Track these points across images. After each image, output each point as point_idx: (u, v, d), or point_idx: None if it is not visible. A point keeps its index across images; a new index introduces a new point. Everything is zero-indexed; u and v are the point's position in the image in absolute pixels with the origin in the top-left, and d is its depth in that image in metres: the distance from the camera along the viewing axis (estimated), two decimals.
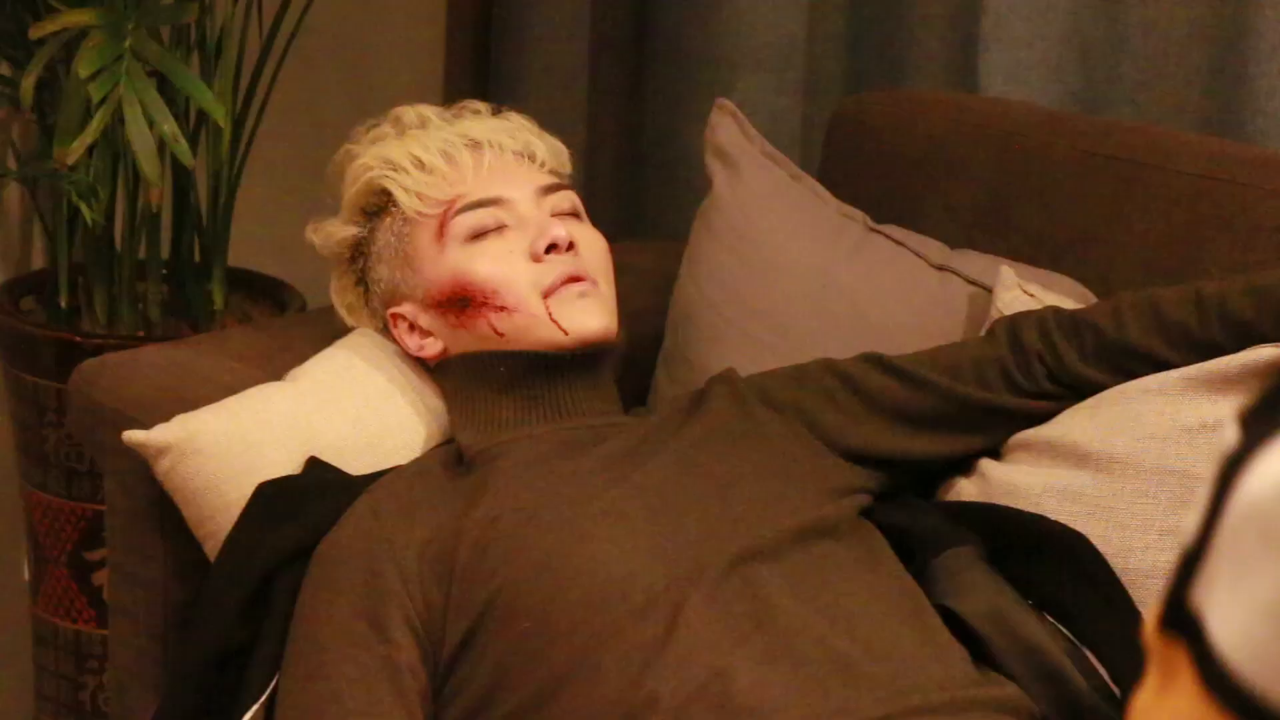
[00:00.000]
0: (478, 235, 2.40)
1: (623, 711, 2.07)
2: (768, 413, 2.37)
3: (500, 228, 2.40)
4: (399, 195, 2.43)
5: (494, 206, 2.41)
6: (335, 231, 2.50)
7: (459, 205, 2.40)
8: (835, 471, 2.34)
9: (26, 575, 3.01)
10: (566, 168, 2.53)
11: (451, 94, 3.22)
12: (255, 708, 2.22)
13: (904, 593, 2.23)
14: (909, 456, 2.39)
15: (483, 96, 3.16)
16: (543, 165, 2.48)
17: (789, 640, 2.10)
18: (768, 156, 2.76)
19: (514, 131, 2.48)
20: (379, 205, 2.46)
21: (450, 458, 2.35)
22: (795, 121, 3.09)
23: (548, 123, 2.58)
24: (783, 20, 3.04)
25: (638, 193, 3.17)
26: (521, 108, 2.62)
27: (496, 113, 2.52)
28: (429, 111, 2.50)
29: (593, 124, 3.21)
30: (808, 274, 2.66)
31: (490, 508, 2.24)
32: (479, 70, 3.30)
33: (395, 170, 2.44)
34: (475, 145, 2.45)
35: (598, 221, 2.50)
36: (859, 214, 2.70)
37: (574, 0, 3.21)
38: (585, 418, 2.38)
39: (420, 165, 2.43)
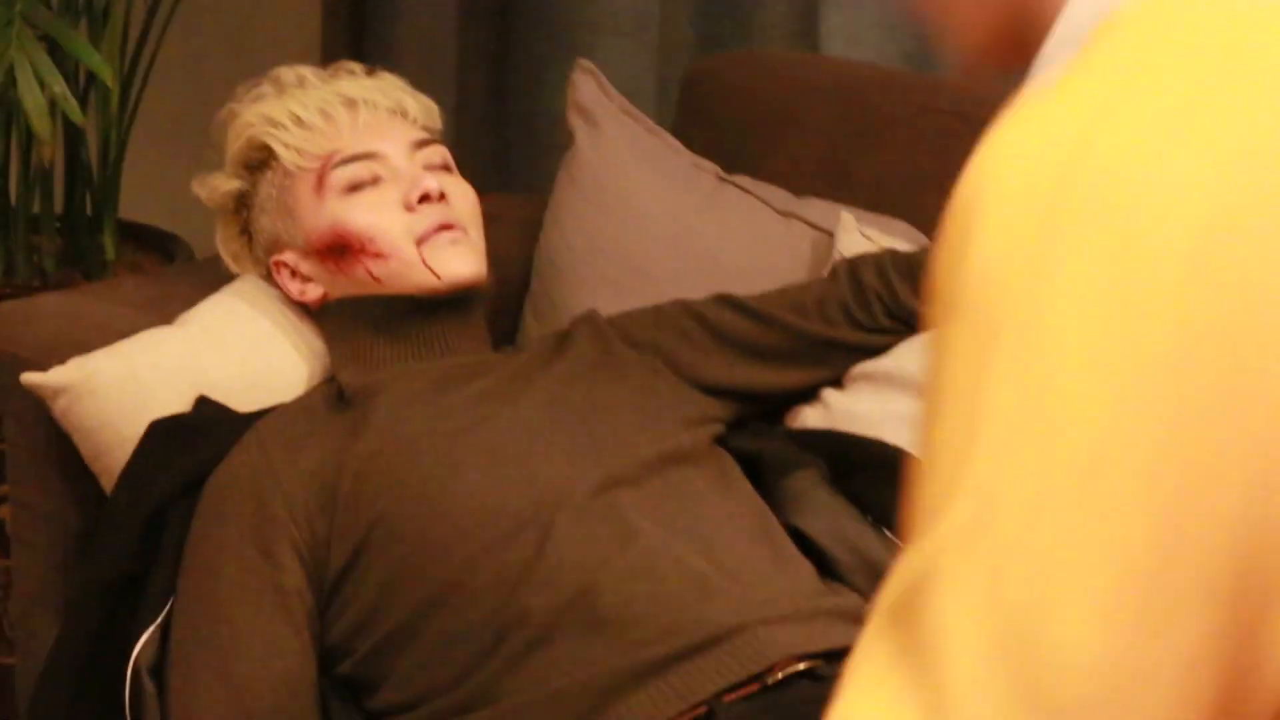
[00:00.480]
0: (354, 187, 2.39)
1: (496, 626, 2.08)
2: (628, 350, 2.38)
3: (375, 180, 2.39)
4: (279, 150, 2.42)
5: (369, 160, 2.40)
6: (220, 185, 2.49)
7: (336, 159, 2.40)
8: (691, 403, 2.35)
9: None
10: (437, 124, 2.52)
11: (328, 57, 3.23)
12: (150, 630, 2.21)
13: (755, 514, 2.24)
14: (759, 388, 2.41)
15: (358, 59, 3.16)
16: (415, 121, 2.47)
17: (649, 559, 2.11)
18: (626, 113, 2.76)
19: (387, 90, 2.48)
20: (260, 160, 2.45)
21: (331, 395, 2.35)
22: (651, 81, 3.12)
23: (419, 83, 2.58)
24: None
25: (504, 148, 3.19)
26: (394, 69, 2.63)
27: (371, 73, 2.51)
28: (307, 72, 2.49)
29: (461, 85, 3.23)
30: (664, 221, 2.68)
31: (370, 441, 2.23)
32: (354, 35, 3.33)
33: (275, 127, 2.43)
34: (351, 103, 2.44)
35: (467, 175, 2.50)
36: (711, 166, 2.72)
37: None
38: (458, 355, 2.38)
39: (299, 122, 2.42)
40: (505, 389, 2.30)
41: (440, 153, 2.46)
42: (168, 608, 2.23)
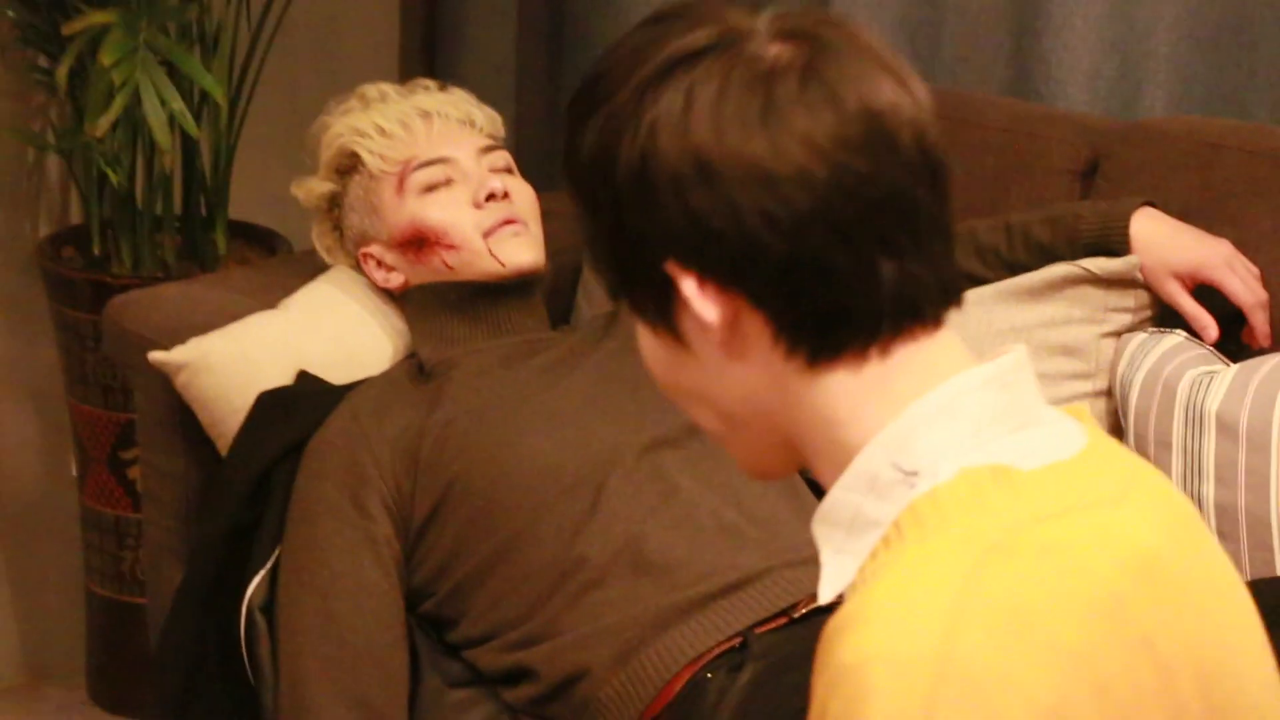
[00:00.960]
0: (430, 188, 2.39)
1: (558, 570, 2.11)
2: None
3: (448, 181, 2.40)
4: (365, 157, 2.42)
5: (442, 164, 2.40)
6: (315, 187, 2.49)
7: (414, 164, 2.40)
8: None
9: (74, 472, 3.00)
10: (501, 132, 2.52)
11: (405, 75, 3.20)
12: (261, 574, 2.24)
13: None
14: None
15: (430, 77, 3.18)
16: (481, 130, 2.47)
17: (689, 511, 2.13)
18: None
19: (457, 103, 2.48)
20: (349, 166, 2.45)
21: (413, 369, 2.36)
22: None
23: (484, 96, 2.57)
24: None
25: (559, 153, 3.17)
26: (462, 85, 2.62)
27: (443, 88, 2.51)
28: (388, 88, 2.49)
29: (520, 98, 3.17)
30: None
31: (446, 410, 2.25)
32: (427, 56, 3.26)
33: (362, 136, 2.43)
34: (426, 115, 2.44)
35: (527, 175, 2.50)
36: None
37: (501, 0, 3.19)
38: (521, 334, 2.38)
39: (382, 132, 2.42)
40: (563, 363, 2.31)
41: (504, 157, 2.46)
42: (275, 554, 2.25)
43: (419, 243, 2.40)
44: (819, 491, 2.21)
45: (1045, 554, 1.12)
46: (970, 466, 1.15)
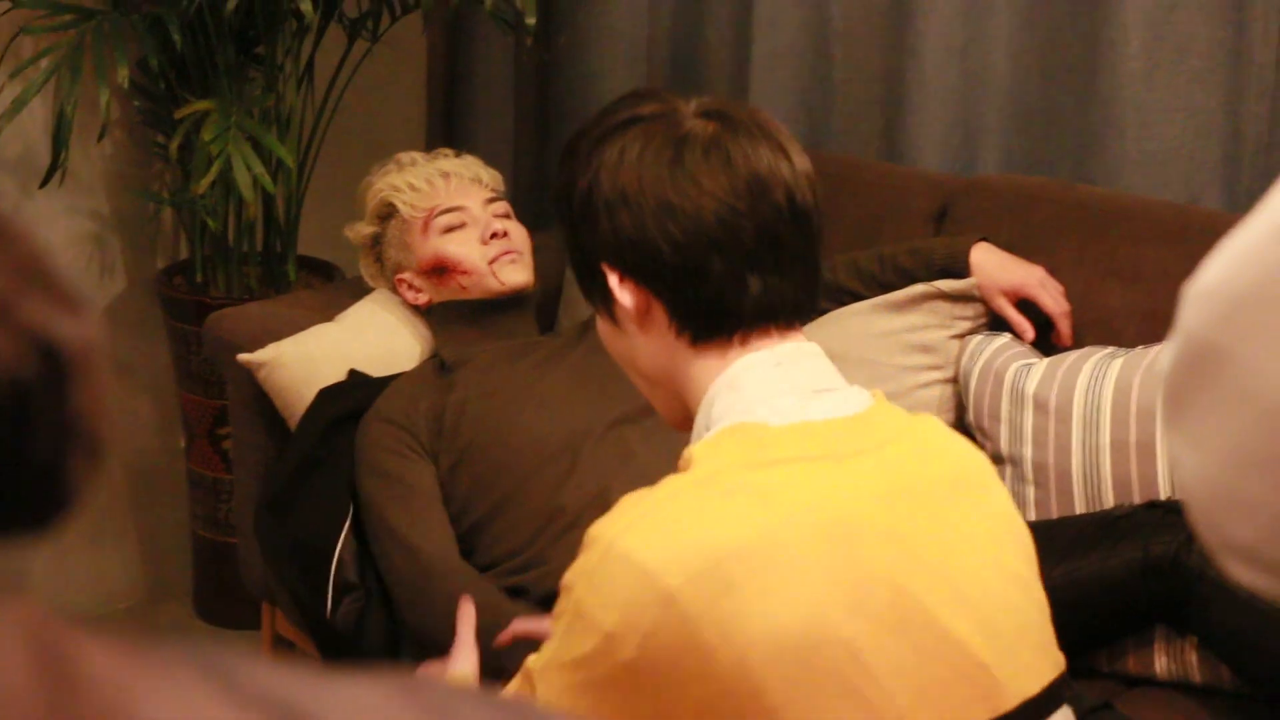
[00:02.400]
0: (449, 229, 2.39)
1: (545, 516, 2.11)
2: None
3: (462, 224, 2.40)
4: (400, 207, 2.42)
5: (458, 211, 2.40)
6: (362, 230, 2.49)
7: (436, 211, 2.40)
8: None
9: (182, 444, 3.01)
10: (501, 187, 2.51)
11: (430, 144, 3.23)
12: (346, 526, 2.23)
13: None
14: None
15: (449, 144, 3.18)
16: (487, 186, 2.46)
17: (643, 470, 2.07)
18: None
19: (468, 165, 2.47)
20: (388, 213, 2.45)
21: (436, 365, 2.35)
22: None
23: (488, 158, 2.57)
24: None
25: (545, 200, 3.16)
26: (472, 151, 2.62)
27: (458, 155, 2.50)
28: (417, 155, 2.49)
29: (516, 160, 3.18)
30: None
31: (461, 395, 2.25)
32: (446, 128, 3.28)
33: (397, 191, 2.43)
34: (445, 175, 2.44)
35: (521, 218, 2.49)
36: None
37: (503, 86, 3.18)
38: (518, 337, 2.37)
39: (412, 188, 2.42)
40: (550, 360, 2.30)
41: (504, 206, 2.45)
42: (350, 512, 2.23)
43: (441, 270, 2.40)
44: None
45: (733, 491, 1.15)
46: (726, 425, 1.20)
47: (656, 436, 2.18)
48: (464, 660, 1.62)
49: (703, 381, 1.24)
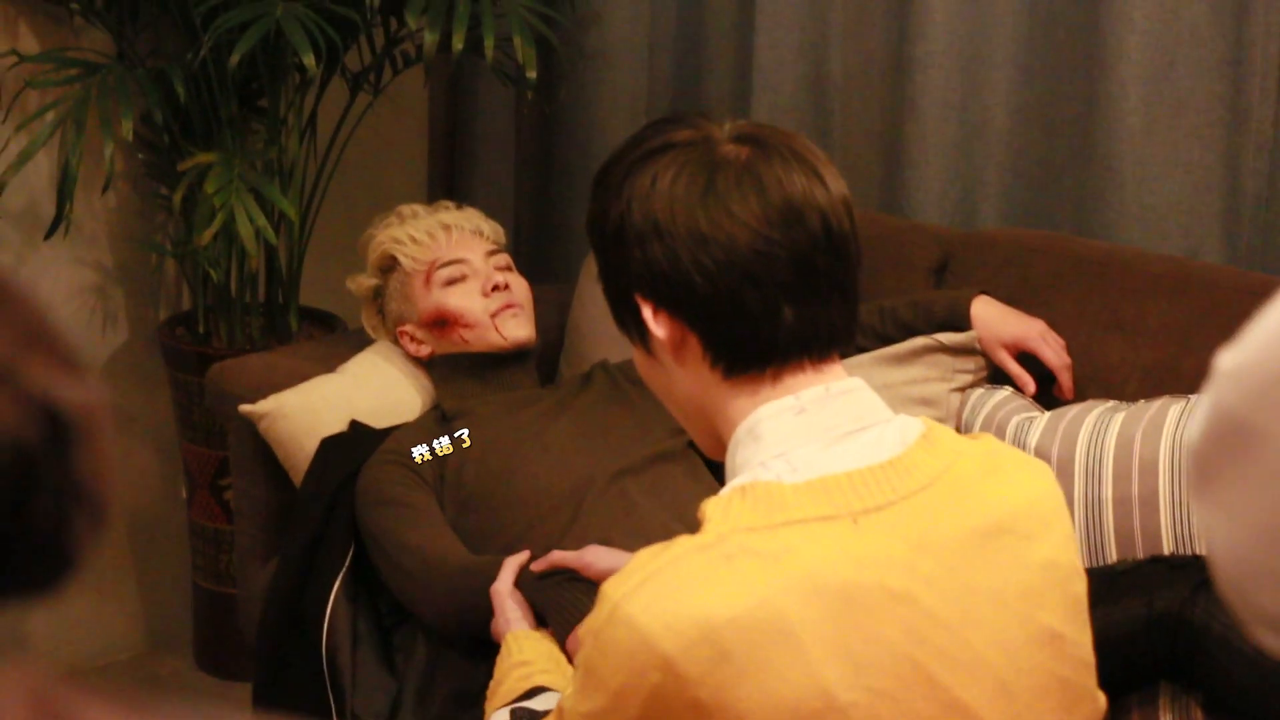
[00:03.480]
0: (450, 282, 2.38)
1: (542, 569, 2.04)
2: (628, 384, 2.35)
3: (464, 277, 2.38)
4: (402, 259, 2.41)
5: (459, 264, 2.39)
6: (364, 282, 2.48)
7: (438, 264, 2.39)
8: (669, 420, 2.24)
9: (184, 495, 3.00)
10: (502, 239, 2.51)
11: (432, 197, 3.23)
12: (341, 574, 2.21)
13: (713, 492, 2.19)
14: None
15: (450, 194, 3.19)
16: (488, 238, 2.45)
17: (644, 523, 2.11)
18: None
19: (469, 218, 2.46)
20: (390, 266, 2.44)
21: (438, 416, 2.34)
22: None
23: (489, 211, 2.56)
24: None
25: (546, 254, 3.16)
26: (473, 203, 2.62)
27: (460, 207, 2.50)
28: (418, 207, 2.48)
29: (518, 213, 3.18)
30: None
31: (463, 448, 2.23)
32: (448, 180, 3.29)
33: (399, 244, 2.41)
34: (446, 227, 2.42)
35: (523, 270, 2.49)
36: None
37: (503, 139, 3.18)
38: (519, 389, 2.36)
39: (414, 240, 2.41)
40: (551, 412, 2.29)
41: (504, 258, 2.45)
42: (349, 554, 2.21)
43: (442, 323, 2.38)
44: None
45: (737, 556, 1.12)
46: (741, 481, 1.17)
47: (658, 488, 2.17)
48: (517, 621, 1.68)
49: (733, 420, 1.20)
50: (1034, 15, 2.58)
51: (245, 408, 2.44)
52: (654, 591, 1.11)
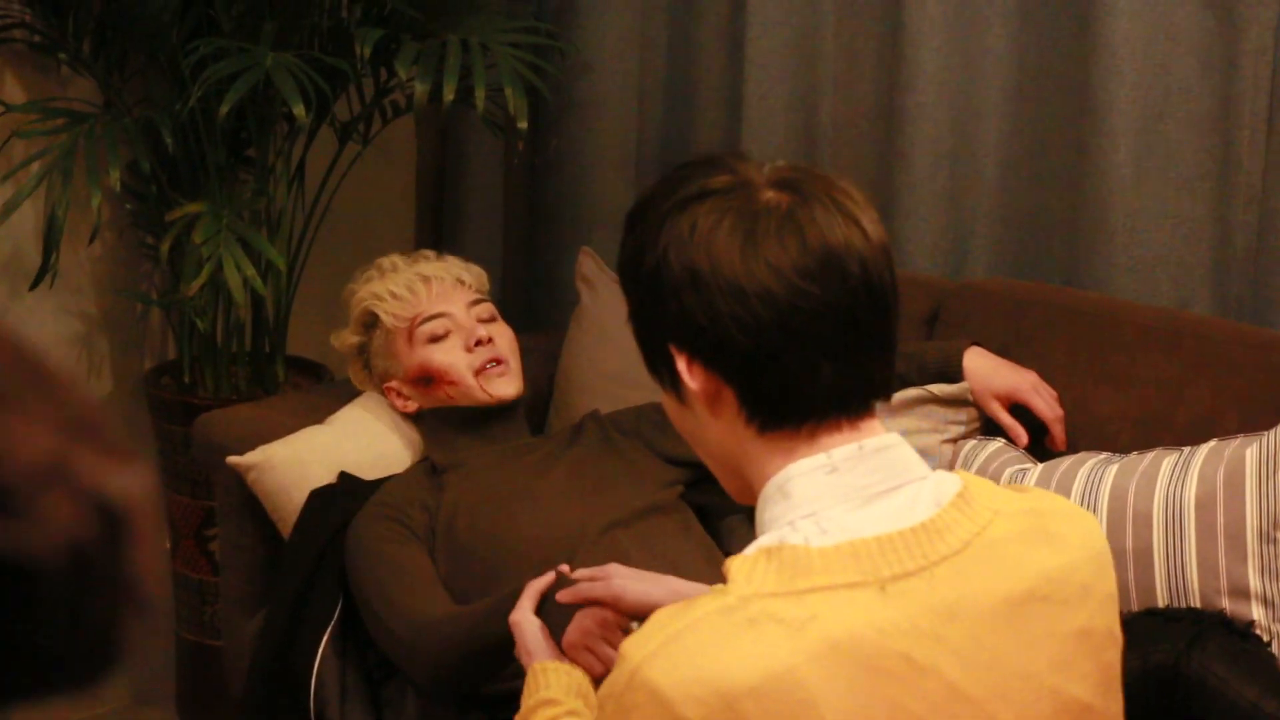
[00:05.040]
0: (433, 338, 2.36)
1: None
2: (619, 436, 2.34)
3: (447, 333, 2.36)
4: (383, 317, 2.39)
5: (441, 318, 2.37)
6: (346, 339, 2.46)
7: (420, 319, 2.37)
8: (662, 471, 2.30)
9: (168, 545, 2.98)
10: (485, 286, 2.48)
11: (419, 245, 3.23)
12: (330, 627, 2.19)
13: (705, 546, 2.23)
14: (700, 462, 2.32)
15: (438, 245, 3.18)
16: (470, 287, 2.42)
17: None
18: (614, 281, 2.71)
19: (449, 268, 2.43)
20: (372, 322, 2.42)
21: (428, 468, 2.32)
22: None
23: (476, 259, 2.54)
24: (618, 198, 3.02)
25: (534, 303, 3.16)
26: (459, 251, 2.60)
27: (440, 256, 2.47)
28: (398, 259, 2.45)
29: (506, 261, 3.18)
30: (635, 348, 2.64)
31: (454, 496, 2.22)
32: (435, 229, 3.28)
33: (380, 300, 2.39)
34: (426, 279, 2.40)
35: (509, 320, 2.47)
36: None
37: (491, 189, 3.17)
38: (508, 442, 2.35)
39: (394, 296, 2.39)
40: (542, 464, 2.28)
41: (488, 308, 2.42)
42: (338, 608, 2.20)
43: (427, 380, 2.36)
44: None
45: (759, 621, 1.10)
46: (768, 542, 1.14)
47: (650, 540, 2.16)
48: (540, 651, 1.65)
49: (765, 475, 1.18)
50: (1024, 68, 2.60)
51: (233, 459, 2.42)
52: (675, 655, 1.09)
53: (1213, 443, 2.14)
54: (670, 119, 2.99)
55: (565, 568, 1.78)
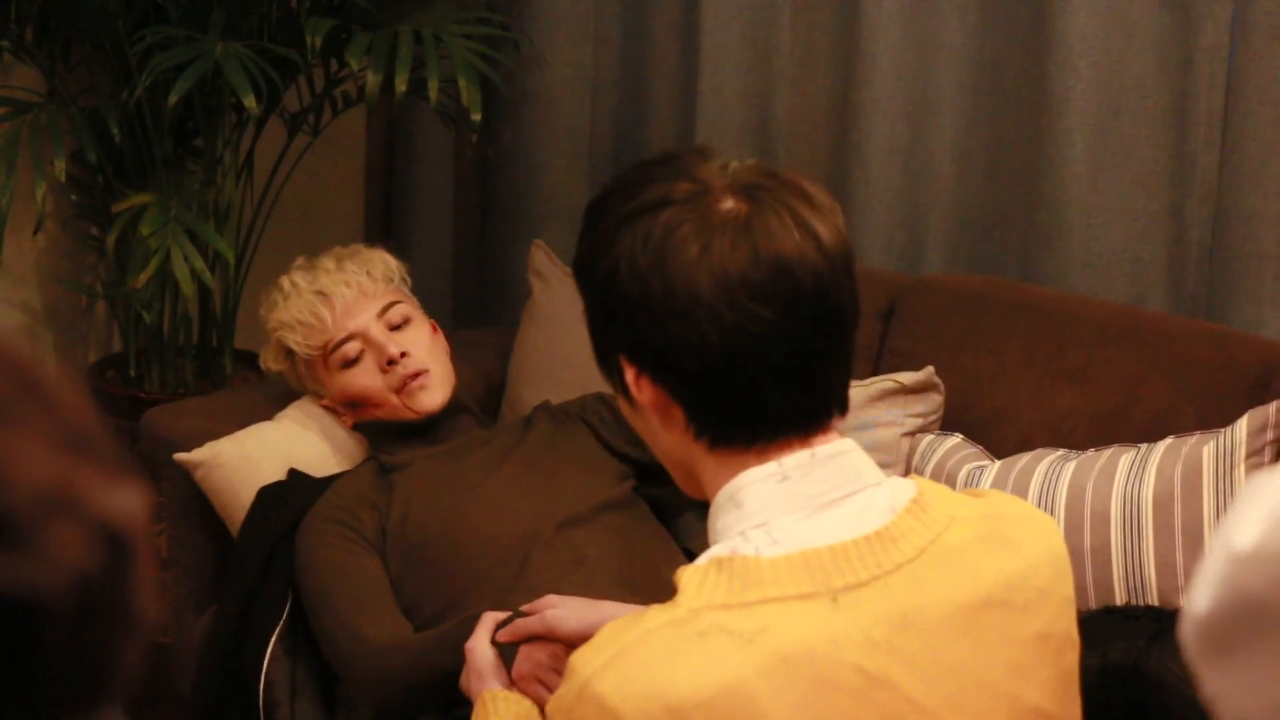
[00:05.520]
0: (347, 363, 2.31)
1: None
2: (571, 426, 2.31)
3: (360, 354, 2.31)
4: (295, 349, 2.34)
5: (350, 341, 2.31)
6: (270, 364, 2.42)
7: (329, 347, 2.31)
8: (614, 465, 2.28)
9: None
10: (395, 275, 2.37)
11: (369, 238, 3.20)
12: (279, 626, 2.16)
13: (661, 540, 2.22)
14: (645, 459, 2.27)
15: (387, 237, 3.15)
16: (376, 292, 2.33)
17: (593, 573, 2.08)
18: (566, 274, 2.72)
19: (349, 279, 2.33)
20: (289, 351, 2.37)
21: (376, 467, 2.29)
22: None
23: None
24: (573, 193, 3.03)
25: (485, 296, 3.14)
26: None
27: (340, 261, 2.37)
28: (298, 277, 2.36)
29: (456, 255, 3.17)
30: (589, 343, 2.64)
31: (405, 494, 2.20)
32: (384, 220, 3.26)
33: (289, 331, 2.33)
34: (327, 298, 2.32)
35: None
36: None
37: (442, 181, 3.15)
38: (453, 440, 2.31)
39: (301, 324, 2.32)
40: (491, 460, 2.25)
41: (400, 311, 2.32)
42: (287, 609, 2.18)
43: (353, 404, 2.34)
44: (690, 555, 2.21)
45: (709, 633, 1.08)
46: (718, 553, 1.13)
47: (605, 538, 2.14)
48: (491, 678, 1.65)
49: (715, 484, 1.17)
50: (980, 63, 2.59)
51: (180, 456, 2.39)
52: (624, 670, 1.07)
53: (1170, 440, 2.14)
54: (624, 112, 2.97)
55: (527, 608, 1.77)
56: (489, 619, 1.76)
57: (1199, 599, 0.77)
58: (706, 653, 1.07)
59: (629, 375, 1.17)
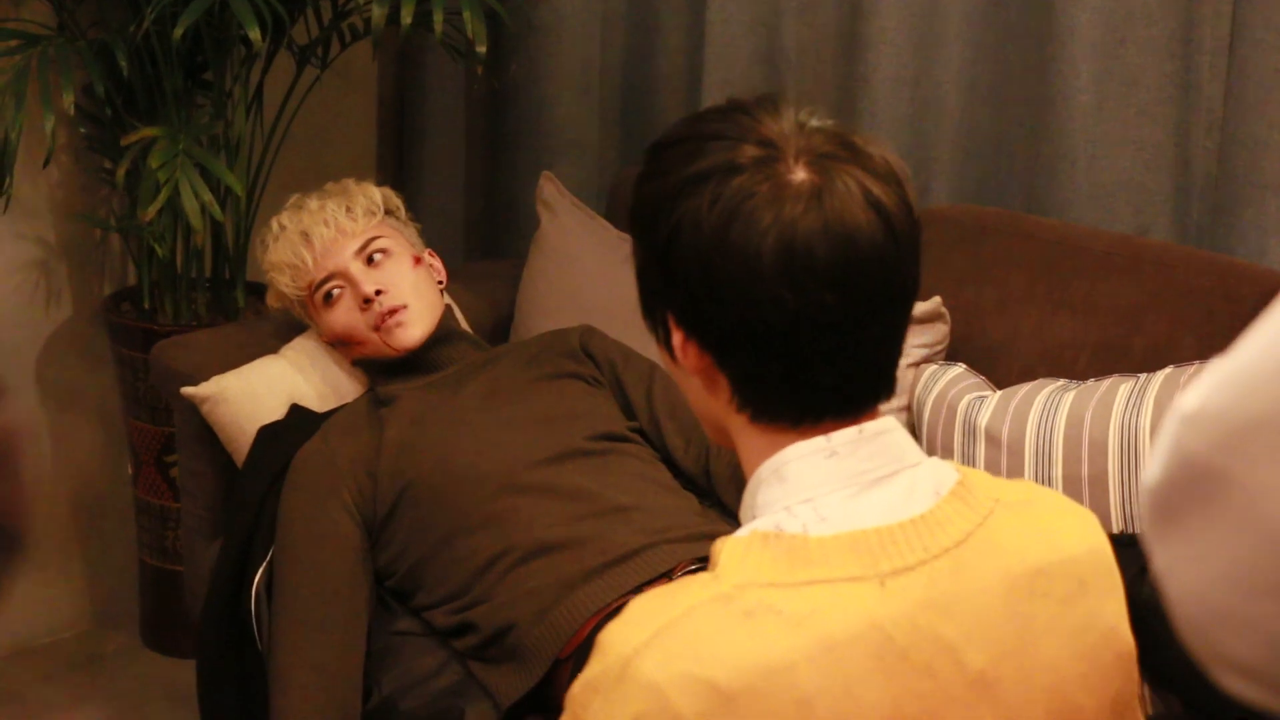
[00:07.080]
0: (330, 302, 2.32)
1: (491, 553, 2.04)
2: (600, 364, 2.27)
3: (340, 292, 2.31)
4: (286, 291, 2.36)
5: (330, 280, 2.32)
6: (273, 302, 2.43)
7: (313, 287, 2.33)
8: (619, 417, 2.24)
9: (129, 471, 2.96)
10: (377, 208, 2.36)
11: (380, 173, 3.20)
12: (261, 568, 2.18)
13: (662, 471, 2.18)
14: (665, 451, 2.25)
15: (399, 170, 3.14)
16: (355, 230, 2.33)
17: (589, 504, 2.06)
18: (574, 205, 2.73)
19: (328, 218, 2.33)
20: (284, 294, 2.38)
21: (373, 399, 2.28)
22: (591, 184, 3.06)
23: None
24: (582, 125, 3.02)
25: (495, 227, 3.14)
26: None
27: (321, 205, 2.35)
28: (284, 218, 2.38)
29: (468, 187, 3.17)
30: (597, 273, 2.63)
31: (397, 432, 2.19)
32: (396, 152, 3.27)
33: (279, 272, 2.35)
34: (308, 238, 2.33)
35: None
36: (628, 236, 2.67)
37: (452, 114, 3.14)
38: (445, 370, 2.30)
39: (287, 266, 2.34)
40: (494, 392, 2.24)
41: (379, 244, 2.31)
42: (270, 552, 2.18)
43: (341, 342, 2.35)
44: (691, 486, 2.20)
45: (757, 613, 1.04)
46: (763, 527, 1.09)
47: (602, 469, 2.12)
48: None
49: (755, 457, 1.12)
50: None
51: (187, 390, 2.40)
52: (668, 647, 1.03)
53: (1169, 369, 2.12)
54: (631, 43, 2.95)
55: None
56: None
57: (1151, 468, 0.75)
58: (753, 633, 1.03)
59: (676, 338, 1.12)
